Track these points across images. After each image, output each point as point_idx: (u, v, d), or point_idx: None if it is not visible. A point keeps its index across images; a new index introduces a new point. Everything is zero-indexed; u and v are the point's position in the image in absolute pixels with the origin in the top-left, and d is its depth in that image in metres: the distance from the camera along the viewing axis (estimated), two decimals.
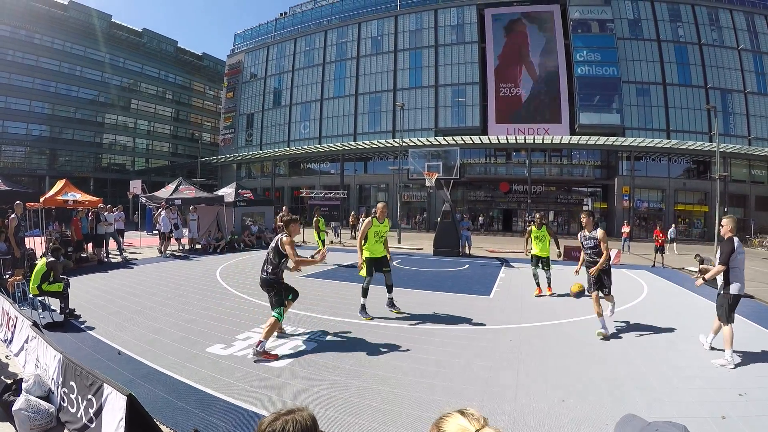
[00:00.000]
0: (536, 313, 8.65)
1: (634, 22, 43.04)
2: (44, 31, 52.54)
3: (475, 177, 43.95)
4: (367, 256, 8.08)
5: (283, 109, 56.56)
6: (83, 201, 15.26)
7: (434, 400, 4.55)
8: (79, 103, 56.51)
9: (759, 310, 9.44)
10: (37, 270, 7.54)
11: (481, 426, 1.08)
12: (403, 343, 6.42)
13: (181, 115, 70.32)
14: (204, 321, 7.48)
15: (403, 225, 38.29)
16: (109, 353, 5.81)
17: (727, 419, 4.12)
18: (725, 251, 6.09)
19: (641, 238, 34.69)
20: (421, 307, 8.83)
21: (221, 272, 13.14)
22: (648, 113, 41.93)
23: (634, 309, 9.22)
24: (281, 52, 57.89)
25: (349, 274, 13.37)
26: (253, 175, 57.98)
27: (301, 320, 7.60)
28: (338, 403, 4.43)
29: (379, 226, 8.11)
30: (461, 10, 46.86)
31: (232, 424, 3.95)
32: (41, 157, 54.19)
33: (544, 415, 4.23)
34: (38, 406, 3.86)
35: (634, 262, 18.70)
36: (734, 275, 6.07)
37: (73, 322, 7.34)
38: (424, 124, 46.99)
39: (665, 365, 5.63)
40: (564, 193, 43.07)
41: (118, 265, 14.53)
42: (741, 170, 40.53)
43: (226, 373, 5.18)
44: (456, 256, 18.93)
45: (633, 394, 4.76)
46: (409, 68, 48.88)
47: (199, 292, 10.03)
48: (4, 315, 6.29)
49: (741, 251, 6.15)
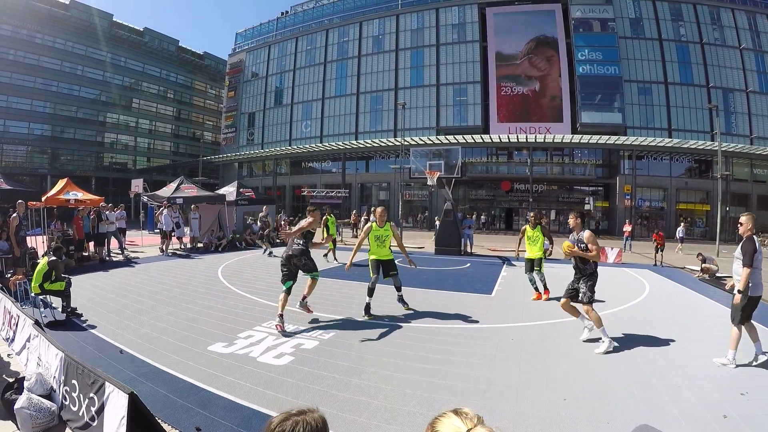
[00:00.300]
0: (538, 312, 8.64)
1: (636, 21, 42.96)
2: (46, 30, 52.53)
3: (477, 176, 43.94)
4: (373, 258, 8.17)
5: (284, 108, 56.57)
6: (85, 200, 15.28)
7: (435, 398, 4.55)
8: (81, 103, 56.52)
9: (762, 309, 9.39)
10: (39, 269, 7.55)
11: (474, 425, 1.08)
12: (404, 342, 6.43)
13: (182, 114, 70.32)
14: (205, 319, 7.49)
15: (405, 224, 38.29)
16: (111, 352, 5.82)
17: (729, 418, 4.11)
18: (748, 251, 5.64)
19: (643, 237, 34.64)
20: (423, 306, 8.83)
21: (223, 271, 13.15)
22: (650, 112, 41.87)
23: (636, 308, 9.22)
24: (282, 51, 57.89)
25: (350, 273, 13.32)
26: (254, 173, 58.05)
27: (303, 318, 7.60)
28: (339, 401, 4.44)
29: (378, 231, 8.14)
30: (462, 9, 46.80)
31: (234, 423, 3.95)
32: (43, 157, 54.21)
33: (546, 414, 4.23)
34: (40, 404, 3.87)
35: (636, 261, 18.68)
36: (754, 276, 5.69)
37: (74, 320, 7.35)
38: (426, 123, 46.98)
39: (667, 364, 5.62)
40: (566, 192, 43.06)
41: (119, 263, 14.55)
42: (743, 169, 40.43)
43: (227, 371, 5.18)
44: (458, 255, 18.93)
45: (634, 393, 4.75)
46: (410, 67, 48.86)
47: (200, 291, 10.04)
48: (6, 314, 6.30)
49: (761, 250, 5.82)
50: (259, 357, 5.70)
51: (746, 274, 5.62)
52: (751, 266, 5.59)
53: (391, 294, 8.67)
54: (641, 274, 14.46)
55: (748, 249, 5.64)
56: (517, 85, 44.12)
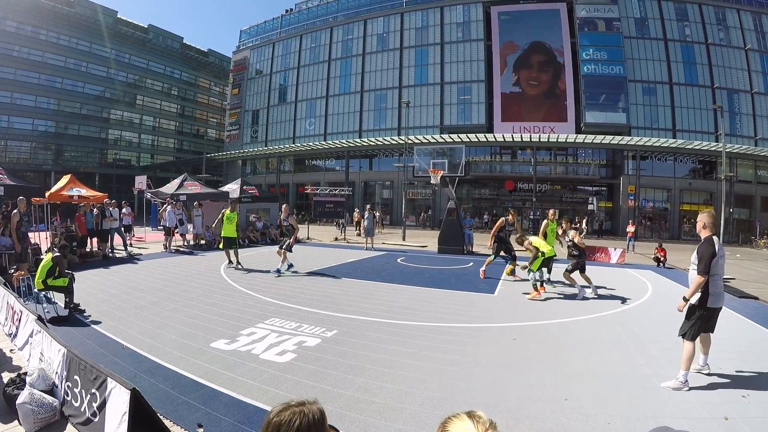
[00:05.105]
0: (540, 311, 8.63)
1: (641, 21, 42.77)
2: (50, 26, 52.60)
3: (481, 175, 43.83)
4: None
5: (288, 105, 56.57)
6: (88, 196, 15.31)
7: (437, 397, 4.55)
8: (85, 99, 56.60)
9: (764, 312, 9.38)
10: (42, 265, 7.58)
11: (485, 430, 1.07)
12: (406, 341, 6.43)
13: (186, 111, 70.36)
14: (208, 316, 7.51)
15: (408, 222, 38.24)
16: (114, 348, 5.84)
17: (730, 420, 4.10)
18: (705, 255, 4.81)
19: (646, 238, 34.55)
20: (425, 305, 8.83)
21: (225, 268, 13.18)
22: (654, 112, 41.68)
23: (639, 308, 9.20)
24: (287, 48, 57.87)
25: (352, 271, 13.39)
26: (258, 171, 58.10)
27: (305, 317, 7.61)
28: (341, 399, 4.44)
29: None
30: (467, 8, 46.68)
31: (236, 419, 3.96)
32: (47, 153, 54.29)
33: (547, 413, 4.22)
34: (42, 399, 3.88)
35: (639, 261, 18.63)
36: (713, 284, 4.89)
37: (77, 316, 7.38)
38: (430, 121, 46.93)
39: (669, 365, 5.59)
40: (569, 192, 42.95)
41: (122, 260, 14.59)
42: (747, 170, 40.24)
43: (230, 368, 5.20)
44: (460, 254, 18.93)
45: (636, 394, 4.75)
46: (414, 65, 48.76)
47: (203, 288, 10.07)
48: (9, 309, 6.32)
49: (722, 254, 4.96)
50: (261, 354, 5.71)
51: (698, 282, 4.84)
52: (707, 273, 4.79)
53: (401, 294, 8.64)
54: (644, 275, 14.43)
55: (705, 252, 4.84)
56: (522, 85, 44.02)
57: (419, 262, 16.33)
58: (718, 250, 4.85)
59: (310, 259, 15.95)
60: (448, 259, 17.50)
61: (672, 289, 12.08)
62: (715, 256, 4.81)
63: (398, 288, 10.82)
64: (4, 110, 49.47)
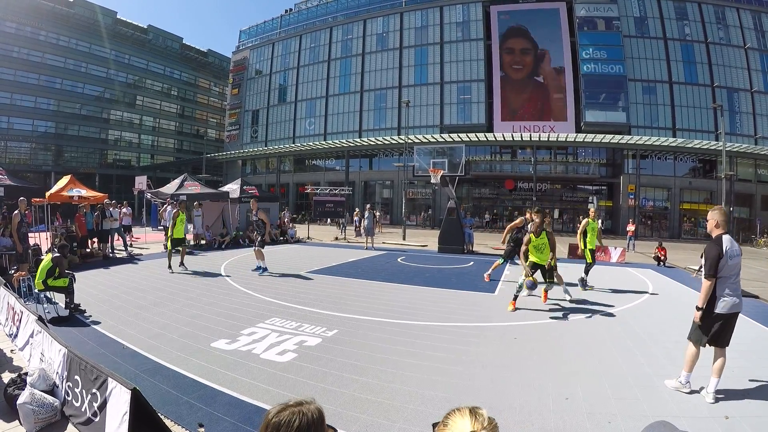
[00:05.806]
0: (541, 311, 8.62)
1: (641, 20, 42.78)
2: (49, 27, 52.63)
3: (481, 174, 43.85)
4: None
5: (288, 105, 56.61)
6: (88, 197, 15.28)
7: (437, 396, 4.55)
8: (85, 100, 56.63)
9: (765, 310, 9.37)
10: (42, 265, 7.57)
11: (482, 427, 1.07)
12: (407, 340, 6.42)
13: (186, 111, 70.39)
14: (208, 316, 7.50)
15: (408, 222, 38.25)
16: (114, 348, 5.84)
17: (731, 419, 4.10)
18: (710, 256, 4.46)
19: (646, 237, 34.55)
20: (426, 304, 8.83)
21: (226, 268, 13.18)
22: (654, 111, 41.70)
23: (639, 307, 9.20)
24: (286, 48, 57.90)
25: (353, 271, 13.39)
26: (258, 171, 58.17)
27: (306, 316, 7.61)
28: (342, 399, 4.44)
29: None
30: (467, 7, 46.70)
31: (237, 419, 3.96)
32: (47, 153, 54.32)
33: (548, 413, 4.22)
34: (43, 399, 3.88)
35: (639, 260, 18.64)
36: (721, 287, 4.49)
37: (78, 316, 7.38)
38: (430, 121, 46.96)
39: (669, 364, 5.59)
40: (569, 191, 42.99)
41: (123, 260, 14.60)
42: (747, 169, 40.28)
43: (230, 368, 5.19)
44: (461, 253, 18.93)
45: (636, 392, 4.74)
46: (414, 65, 48.80)
47: (203, 288, 10.06)
48: (10, 309, 6.32)
49: (735, 254, 4.51)
50: (262, 354, 5.70)
51: (704, 286, 4.51)
52: (713, 276, 4.45)
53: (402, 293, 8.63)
54: (644, 274, 14.43)
55: (710, 254, 4.49)
56: (521, 84, 44.03)
57: (419, 261, 16.32)
58: (727, 250, 4.45)
59: (311, 259, 15.96)
60: (448, 258, 17.50)
61: (672, 288, 12.09)
62: (722, 257, 4.42)
63: (399, 287, 10.81)
64: (4, 111, 49.54)
